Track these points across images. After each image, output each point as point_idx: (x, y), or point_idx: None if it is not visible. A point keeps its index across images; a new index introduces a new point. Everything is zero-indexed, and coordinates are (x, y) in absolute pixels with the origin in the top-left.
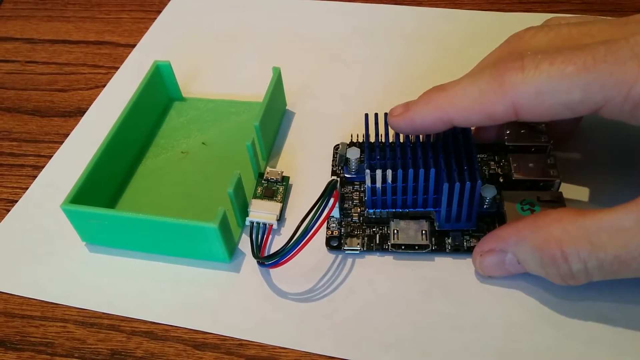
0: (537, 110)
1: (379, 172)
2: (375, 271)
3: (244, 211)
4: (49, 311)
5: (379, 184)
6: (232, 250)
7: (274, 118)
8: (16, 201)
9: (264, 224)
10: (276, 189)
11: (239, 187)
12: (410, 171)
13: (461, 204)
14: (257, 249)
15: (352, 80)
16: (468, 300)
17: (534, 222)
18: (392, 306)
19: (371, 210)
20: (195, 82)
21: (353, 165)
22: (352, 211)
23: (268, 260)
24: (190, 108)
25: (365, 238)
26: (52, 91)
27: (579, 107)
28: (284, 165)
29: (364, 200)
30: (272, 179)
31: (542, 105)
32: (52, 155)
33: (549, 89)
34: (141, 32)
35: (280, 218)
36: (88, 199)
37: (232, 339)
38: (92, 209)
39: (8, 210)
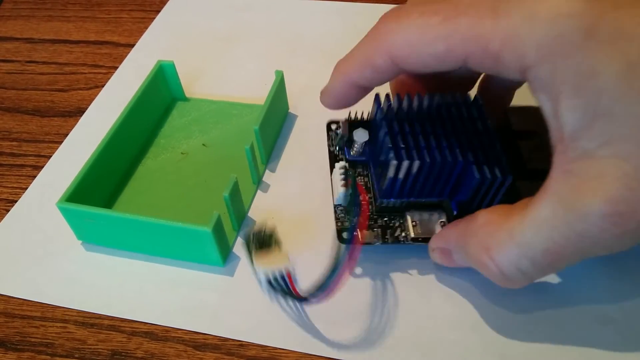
0: (411, 60)
1: (405, 164)
2: (382, 263)
3: (239, 216)
4: (49, 311)
5: (402, 175)
6: (226, 254)
7: (275, 121)
8: (16, 201)
9: (280, 272)
10: (269, 238)
11: (235, 191)
12: (438, 163)
13: (485, 196)
14: (292, 295)
15: None
16: (468, 300)
17: (466, 228)
18: (393, 306)
19: (385, 200)
20: (197, 82)
21: (357, 147)
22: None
23: (313, 296)
24: (192, 109)
25: (379, 230)
26: (52, 91)
27: (446, 59)
28: (283, 168)
29: (369, 186)
30: (261, 233)
31: (413, 55)
32: (52, 156)
33: (416, 39)
34: (141, 32)
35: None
36: (85, 197)
37: (232, 339)
38: (88, 208)
39: (8, 210)
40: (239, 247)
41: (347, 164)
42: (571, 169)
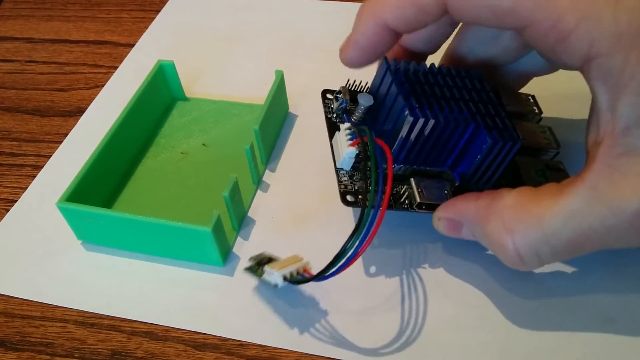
0: (466, 6)
1: (421, 121)
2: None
3: (239, 216)
4: (48, 311)
5: (413, 136)
6: (226, 254)
7: (275, 121)
8: (16, 201)
9: (297, 271)
10: (267, 258)
11: (235, 191)
12: (452, 124)
13: (489, 167)
14: (309, 279)
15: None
16: (468, 299)
17: (490, 206)
18: (393, 306)
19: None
20: (197, 82)
21: (360, 113)
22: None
23: (328, 271)
24: (192, 108)
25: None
26: (52, 91)
27: (505, 18)
28: (283, 167)
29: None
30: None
31: (471, 3)
32: (52, 155)
33: None
34: (141, 32)
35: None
36: (85, 197)
37: (232, 339)
38: (87, 208)
39: (8, 210)
40: (238, 247)
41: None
42: (615, 163)
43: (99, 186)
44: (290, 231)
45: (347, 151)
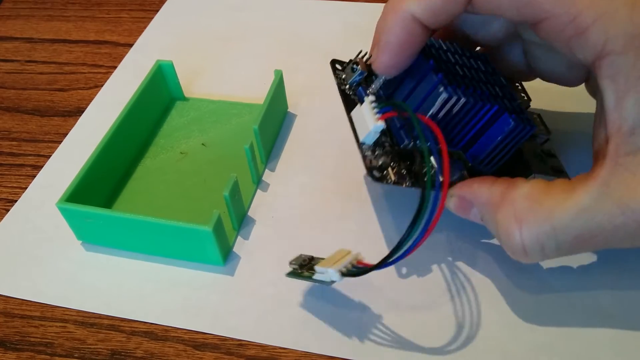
0: None
1: (453, 99)
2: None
3: (239, 215)
4: (48, 311)
5: (443, 113)
6: (226, 253)
7: (274, 121)
8: (15, 201)
9: (351, 263)
10: (309, 259)
11: (235, 190)
12: (479, 104)
13: (505, 147)
14: (368, 269)
15: None
16: (468, 298)
17: (504, 193)
18: (393, 305)
19: (408, 142)
20: (196, 82)
21: (378, 84)
22: (383, 139)
23: (391, 257)
24: (191, 108)
25: (403, 171)
26: (52, 91)
27: (525, 9)
28: (283, 167)
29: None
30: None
31: None
32: (51, 155)
33: None
34: (141, 32)
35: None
36: (84, 197)
37: (232, 339)
38: (87, 208)
39: (7, 210)
40: (239, 247)
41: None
42: (624, 162)
43: (99, 186)
44: (290, 230)
45: (375, 125)
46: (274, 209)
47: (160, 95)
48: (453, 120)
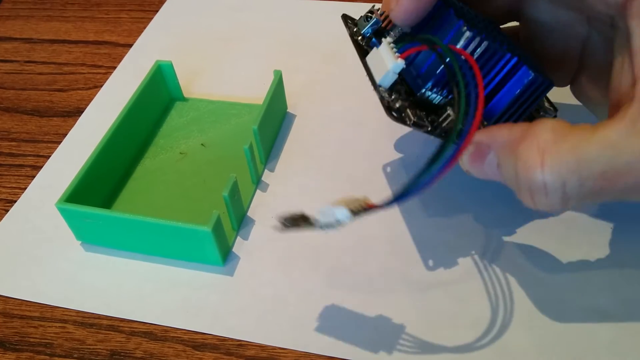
0: None
1: (476, 40)
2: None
3: (239, 215)
4: (47, 312)
5: (478, 53)
6: (226, 254)
7: (273, 121)
8: (15, 201)
9: (361, 205)
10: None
11: (234, 191)
12: (498, 53)
13: (523, 104)
14: (379, 206)
15: (351, 81)
16: (468, 298)
17: (525, 131)
18: (392, 305)
19: (428, 91)
20: (195, 82)
21: (396, 33)
22: (399, 87)
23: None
24: (191, 109)
25: (423, 114)
26: (51, 91)
27: None
28: (283, 167)
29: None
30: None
31: None
32: (51, 156)
33: None
34: (140, 32)
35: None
36: (84, 198)
37: (232, 339)
38: (87, 209)
39: (7, 211)
40: (238, 247)
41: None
42: None
43: (98, 187)
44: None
45: (394, 64)
46: (274, 209)
47: (159, 95)
48: (479, 66)
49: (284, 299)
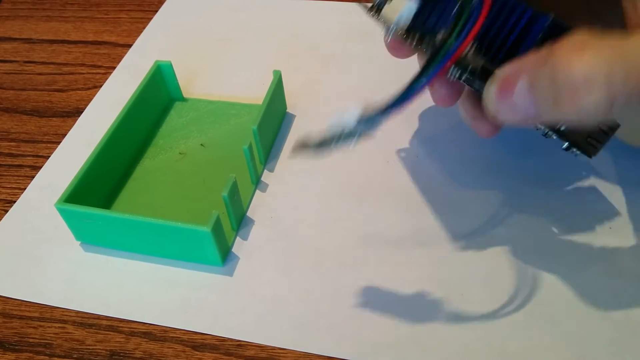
0: None
1: None
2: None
3: (238, 216)
4: (47, 312)
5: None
6: (225, 254)
7: (273, 121)
8: (14, 202)
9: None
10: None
11: (234, 191)
12: (519, 8)
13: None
14: (385, 108)
15: (351, 81)
16: (468, 298)
17: (555, 45)
18: (392, 305)
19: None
20: (195, 82)
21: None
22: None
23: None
24: (190, 109)
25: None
26: (50, 91)
27: None
28: (282, 167)
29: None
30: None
31: None
32: (50, 156)
33: None
34: (140, 33)
35: None
36: (83, 198)
37: (231, 339)
38: (86, 209)
39: (6, 211)
40: (237, 247)
41: None
42: None
43: (98, 187)
44: (289, 231)
45: (407, 5)
46: (273, 209)
47: (159, 95)
48: (499, 23)
49: (283, 299)
